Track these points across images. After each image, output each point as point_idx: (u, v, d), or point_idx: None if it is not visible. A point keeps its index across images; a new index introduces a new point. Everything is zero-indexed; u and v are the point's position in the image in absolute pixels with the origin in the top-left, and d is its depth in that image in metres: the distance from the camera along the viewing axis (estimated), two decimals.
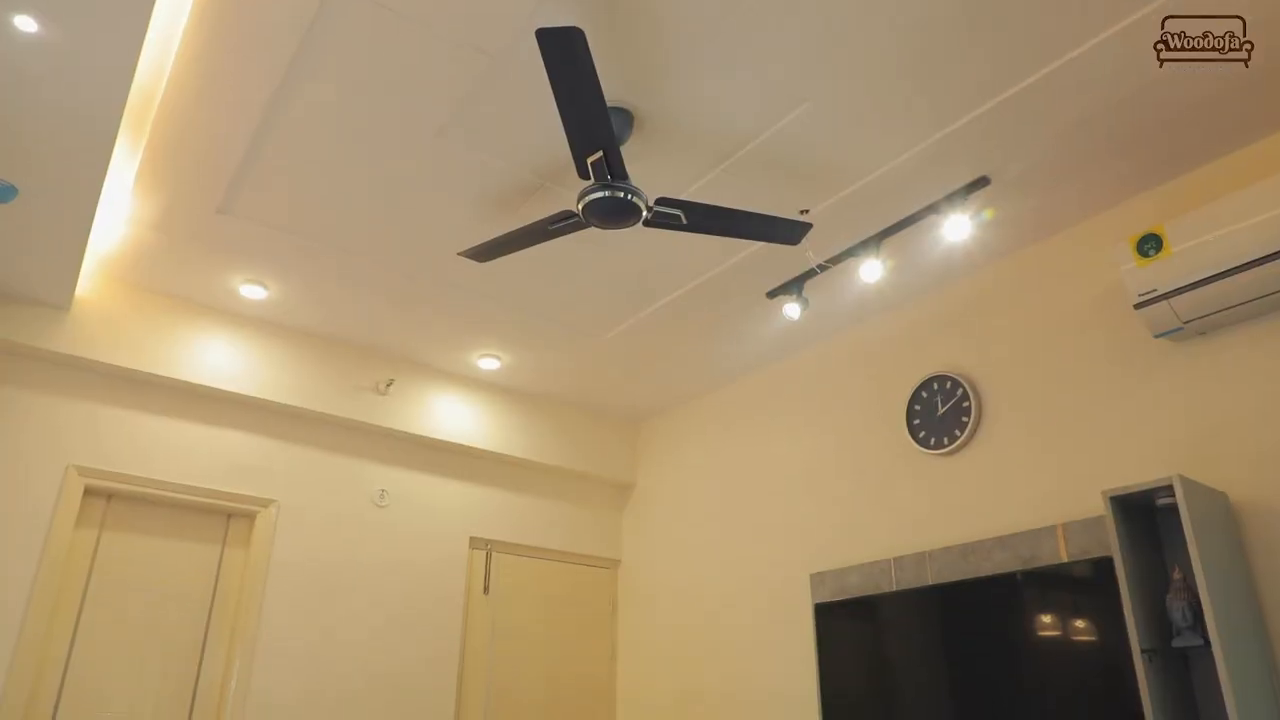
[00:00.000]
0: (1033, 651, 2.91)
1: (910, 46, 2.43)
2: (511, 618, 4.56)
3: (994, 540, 3.17)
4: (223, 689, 3.64)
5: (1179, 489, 2.40)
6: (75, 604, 3.45)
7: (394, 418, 4.27)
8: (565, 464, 4.84)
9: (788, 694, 3.78)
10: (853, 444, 3.86)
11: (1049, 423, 3.15)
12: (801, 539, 3.96)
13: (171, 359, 3.72)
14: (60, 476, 3.45)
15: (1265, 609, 2.50)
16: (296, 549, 3.92)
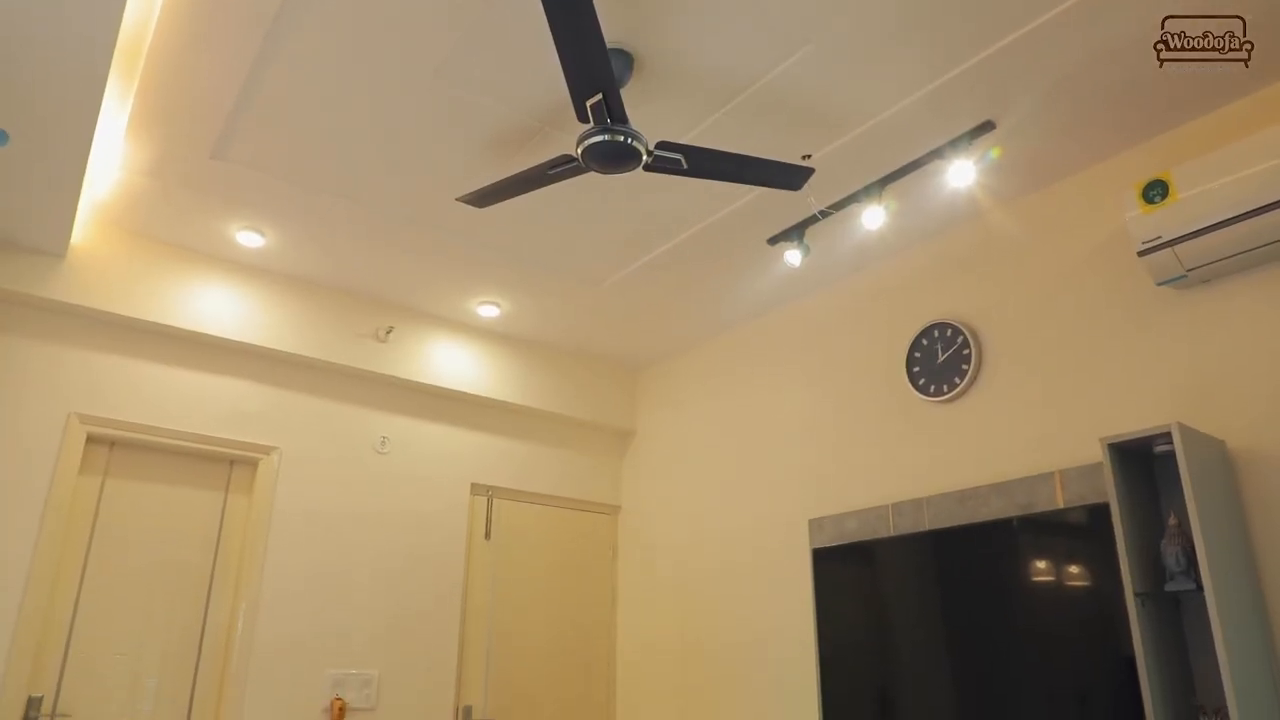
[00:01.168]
0: (1027, 596, 2.95)
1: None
2: (513, 563, 4.62)
3: (991, 487, 3.19)
4: (229, 632, 3.71)
5: (1177, 436, 2.41)
6: (81, 550, 3.49)
7: (394, 365, 4.27)
8: (565, 411, 4.86)
9: (786, 637, 3.84)
10: (852, 391, 3.87)
11: (1049, 370, 3.16)
12: (800, 485, 3.99)
13: (170, 307, 3.71)
14: (62, 424, 3.46)
15: (1257, 554, 2.53)
16: (299, 495, 3.96)
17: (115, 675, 3.45)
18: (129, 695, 3.46)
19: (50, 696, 3.30)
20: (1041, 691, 2.84)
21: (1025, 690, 2.88)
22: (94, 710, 3.37)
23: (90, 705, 3.37)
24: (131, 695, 3.47)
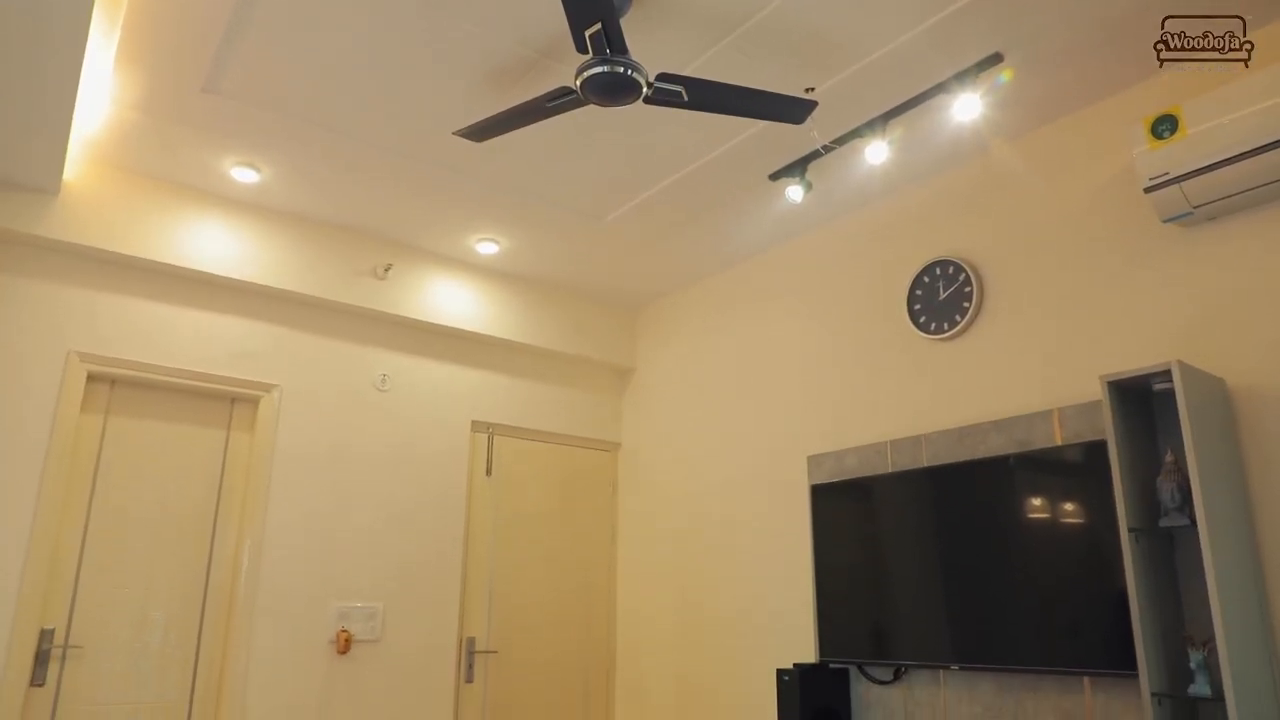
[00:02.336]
0: (1023, 532, 2.99)
1: None
2: (514, 499, 4.67)
3: (990, 424, 3.21)
4: (234, 566, 3.76)
5: (1177, 374, 2.41)
6: (86, 487, 3.52)
7: (393, 303, 4.26)
8: (565, 348, 4.86)
9: (783, 572, 3.91)
10: (853, 328, 3.87)
11: (1050, 308, 3.14)
12: (800, 422, 4.01)
13: (166, 244, 3.68)
14: (62, 363, 3.46)
15: (1251, 491, 2.55)
16: (300, 433, 3.98)
17: (124, 609, 3.51)
18: (138, 628, 3.53)
19: (62, 629, 3.36)
20: (1034, 625, 2.89)
21: (1018, 624, 2.94)
22: (105, 642, 3.45)
23: (101, 637, 3.44)
24: (140, 628, 3.54)
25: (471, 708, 4.28)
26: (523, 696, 4.45)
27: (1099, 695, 2.75)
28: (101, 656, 3.43)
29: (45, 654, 3.30)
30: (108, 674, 3.43)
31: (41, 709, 3.27)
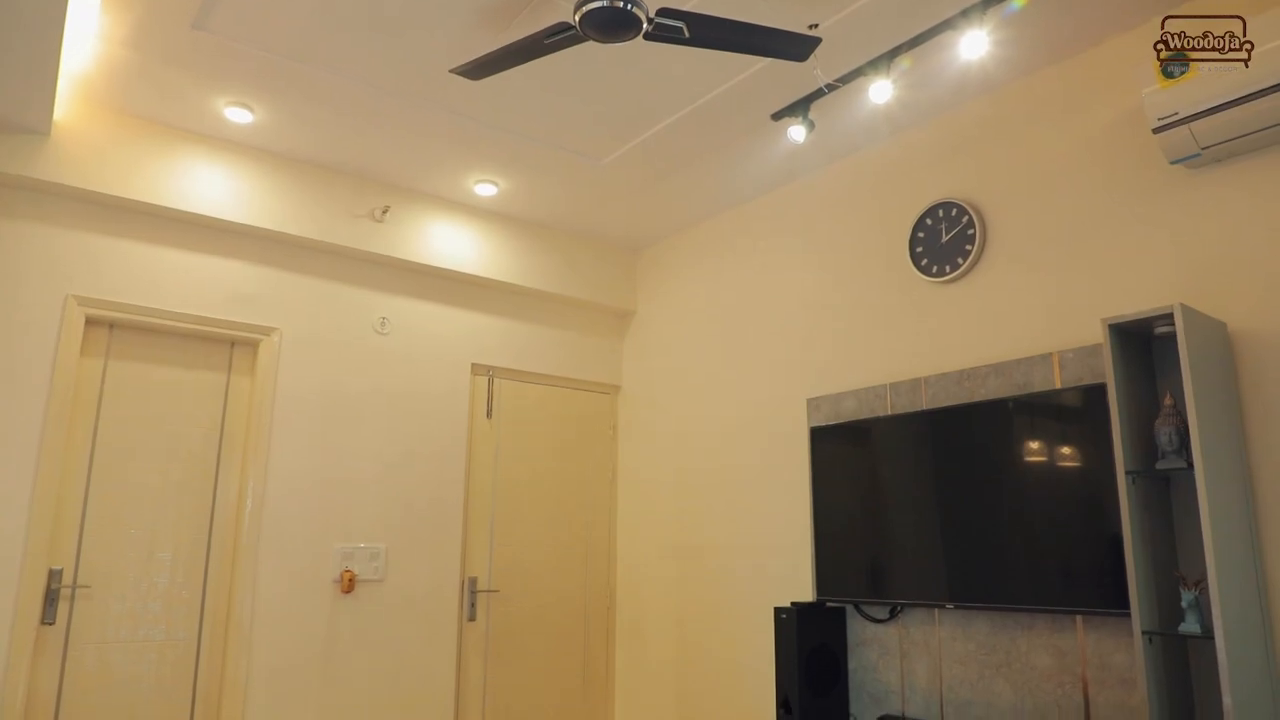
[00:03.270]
0: (1020, 475, 3.01)
1: None
2: (514, 441, 4.70)
3: (989, 367, 3.21)
4: (238, 509, 3.80)
5: (1179, 317, 2.41)
6: (89, 430, 3.54)
7: (392, 245, 4.23)
8: (565, 291, 4.84)
9: (782, 513, 3.95)
10: (854, 271, 3.84)
11: (1054, 251, 3.12)
12: (800, 365, 4.01)
13: (162, 186, 3.64)
14: (60, 306, 3.45)
15: (1249, 435, 2.57)
16: (301, 376, 3.99)
17: (130, 549, 3.56)
18: (145, 568, 3.58)
19: (69, 569, 3.41)
20: (1029, 566, 2.93)
21: (1013, 564, 2.98)
22: (112, 582, 3.50)
23: (108, 577, 3.49)
24: (147, 568, 3.59)
25: (474, 645, 4.36)
26: (524, 634, 4.54)
27: (1091, 634, 2.80)
28: (110, 596, 3.49)
29: (54, 593, 3.35)
30: (116, 613, 3.49)
31: (53, 647, 3.33)
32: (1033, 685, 2.94)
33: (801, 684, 3.34)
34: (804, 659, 3.37)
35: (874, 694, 3.43)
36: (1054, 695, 2.87)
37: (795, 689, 3.34)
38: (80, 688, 3.37)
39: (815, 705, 3.37)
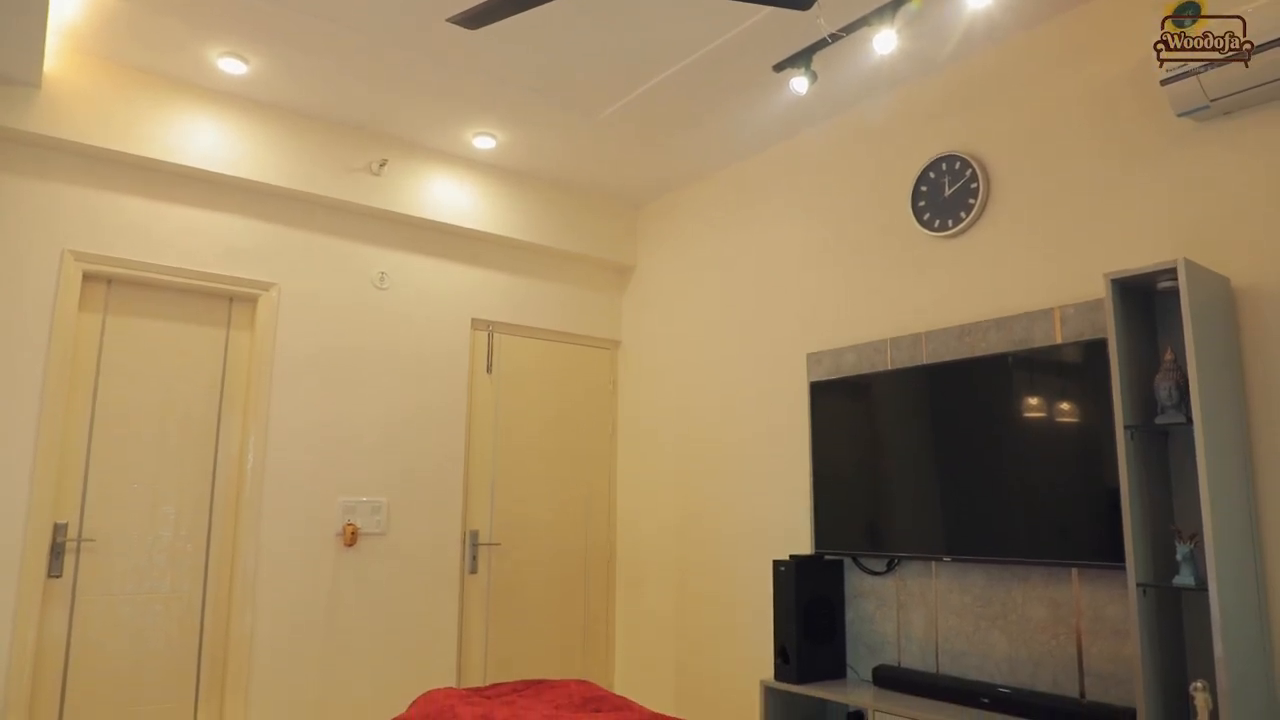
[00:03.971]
0: (1018, 429, 3.02)
1: None
2: (515, 396, 4.71)
3: (990, 322, 3.20)
4: (240, 463, 3.82)
5: (1182, 272, 2.40)
6: (89, 386, 3.54)
7: (390, 199, 4.19)
8: (565, 246, 4.81)
9: (781, 467, 3.97)
10: (856, 225, 3.82)
11: (1057, 206, 3.10)
12: (800, 320, 4.01)
13: (155, 139, 3.59)
14: (57, 261, 3.43)
15: (1249, 390, 2.57)
16: (300, 331, 3.98)
17: (134, 504, 3.59)
18: (149, 522, 3.61)
19: (74, 523, 3.44)
20: (1026, 520, 2.96)
21: (1011, 518, 3.00)
22: (117, 536, 3.53)
23: (112, 531, 3.52)
24: (151, 522, 3.62)
25: (476, 597, 4.42)
26: (525, 586, 4.60)
27: (1086, 586, 2.84)
28: (115, 549, 3.52)
29: (60, 547, 3.38)
30: (122, 566, 3.53)
31: (61, 599, 3.38)
32: (1027, 636, 2.98)
33: (799, 634, 3.40)
34: (802, 610, 3.42)
35: (870, 644, 3.49)
36: (1048, 646, 2.92)
37: (793, 639, 3.39)
38: (89, 639, 3.42)
39: (812, 655, 3.42)
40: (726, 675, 4.11)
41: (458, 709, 2.53)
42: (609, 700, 2.76)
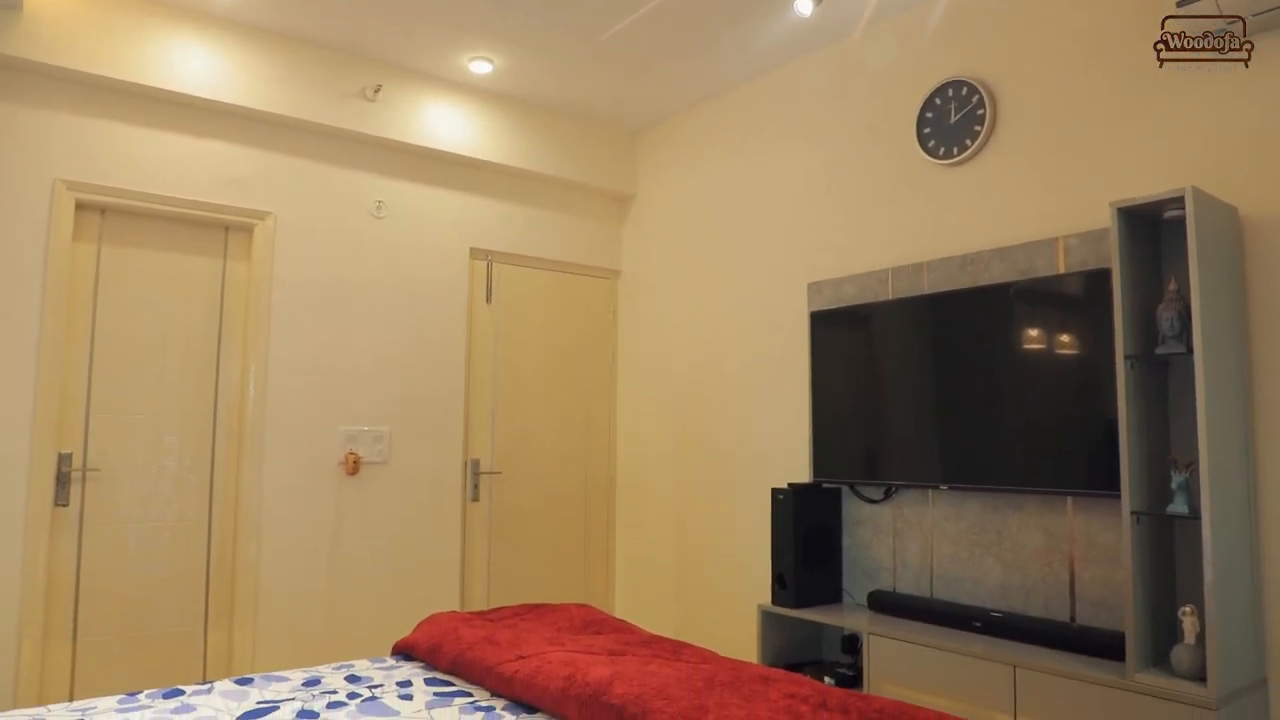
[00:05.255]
0: (1018, 359, 3.02)
1: None
2: (514, 326, 4.71)
3: (993, 252, 3.17)
4: (241, 394, 3.83)
5: (1190, 201, 2.36)
6: (87, 316, 3.53)
7: (385, 126, 4.12)
8: (564, 174, 4.75)
9: (781, 397, 3.99)
10: (859, 153, 3.76)
11: (1064, 133, 3.04)
12: (801, 249, 3.97)
13: (143, 64, 3.51)
14: (49, 190, 3.38)
15: (1251, 321, 2.56)
16: (298, 261, 3.95)
17: (137, 433, 3.61)
18: (153, 452, 3.64)
19: (78, 453, 3.47)
20: (1023, 449, 2.98)
21: (1008, 448, 3.02)
22: (121, 465, 3.56)
23: (117, 461, 3.55)
24: (155, 452, 3.65)
25: (478, 524, 4.48)
26: (526, 514, 4.66)
27: (1080, 514, 2.87)
28: (120, 479, 3.56)
29: (65, 476, 3.42)
30: (128, 495, 3.57)
31: (69, 527, 3.42)
32: (1021, 563, 3.03)
33: (796, 561, 3.45)
34: (799, 537, 3.47)
35: (867, 570, 3.55)
36: (1041, 573, 2.97)
37: (790, 565, 3.45)
38: (98, 566, 3.48)
39: (809, 580, 3.49)
40: (725, 600, 4.20)
41: (461, 631, 2.58)
42: (609, 623, 2.82)
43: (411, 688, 2.34)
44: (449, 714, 2.13)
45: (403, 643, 2.73)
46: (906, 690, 2.93)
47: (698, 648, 2.51)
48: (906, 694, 2.92)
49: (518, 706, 2.19)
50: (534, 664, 2.22)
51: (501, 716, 2.11)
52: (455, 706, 2.19)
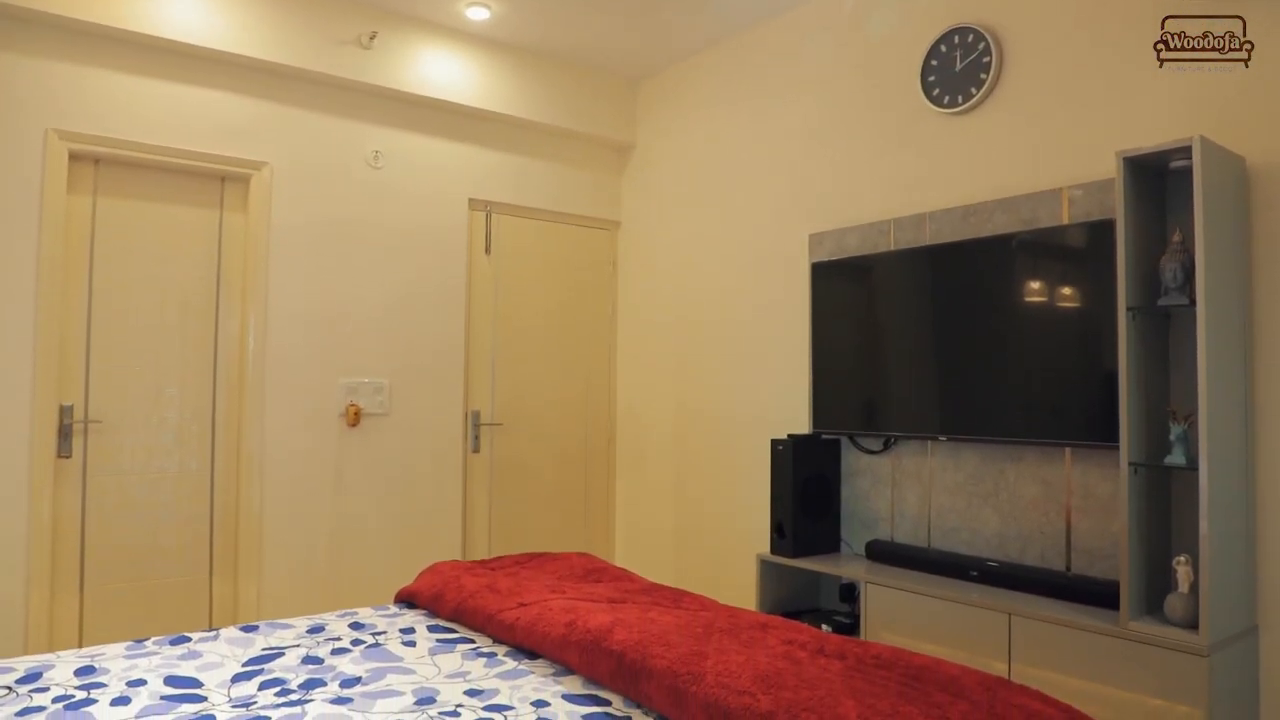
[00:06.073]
0: (1019, 310, 3.01)
1: None
2: (514, 277, 4.68)
3: (996, 202, 3.15)
4: (241, 345, 3.83)
5: (1197, 150, 2.33)
6: (84, 268, 3.51)
7: (381, 74, 4.05)
8: (563, 123, 4.68)
9: (781, 348, 3.98)
10: (863, 102, 3.70)
11: (1072, 81, 2.99)
12: (803, 200, 3.94)
13: (136, 10, 3.43)
14: (41, 140, 3.34)
15: (1254, 273, 2.54)
16: (295, 212, 3.92)
17: (137, 385, 3.61)
18: (154, 404, 3.65)
19: (80, 404, 3.47)
20: (1023, 401, 2.98)
21: (1007, 400, 3.03)
22: (123, 417, 3.57)
23: (118, 412, 3.56)
24: (156, 403, 3.65)
25: (479, 474, 4.51)
26: (527, 465, 4.69)
27: (1078, 465, 2.89)
28: (122, 430, 3.57)
29: (67, 428, 3.43)
30: (130, 446, 3.59)
31: (72, 478, 3.45)
32: (1018, 513, 3.05)
33: (795, 511, 3.48)
34: (798, 487, 3.50)
35: (865, 520, 3.58)
36: (1038, 523, 2.99)
37: (789, 515, 3.48)
38: (103, 516, 3.51)
39: (808, 530, 3.52)
40: (724, 549, 4.24)
41: (463, 579, 2.61)
42: (609, 571, 2.85)
43: (415, 634, 2.38)
44: (452, 659, 2.16)
45: (405, 591, 2.76)
46: (903, 638, 2.98)
47: (697, 595, 2.54)
48: (903, 641, 2.96)
49: (519, 653, 2.22)
50: (535, 611, 2.25)
51: (504, 662, 2.14)
52: (458, 652, 2.22)
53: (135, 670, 2.03)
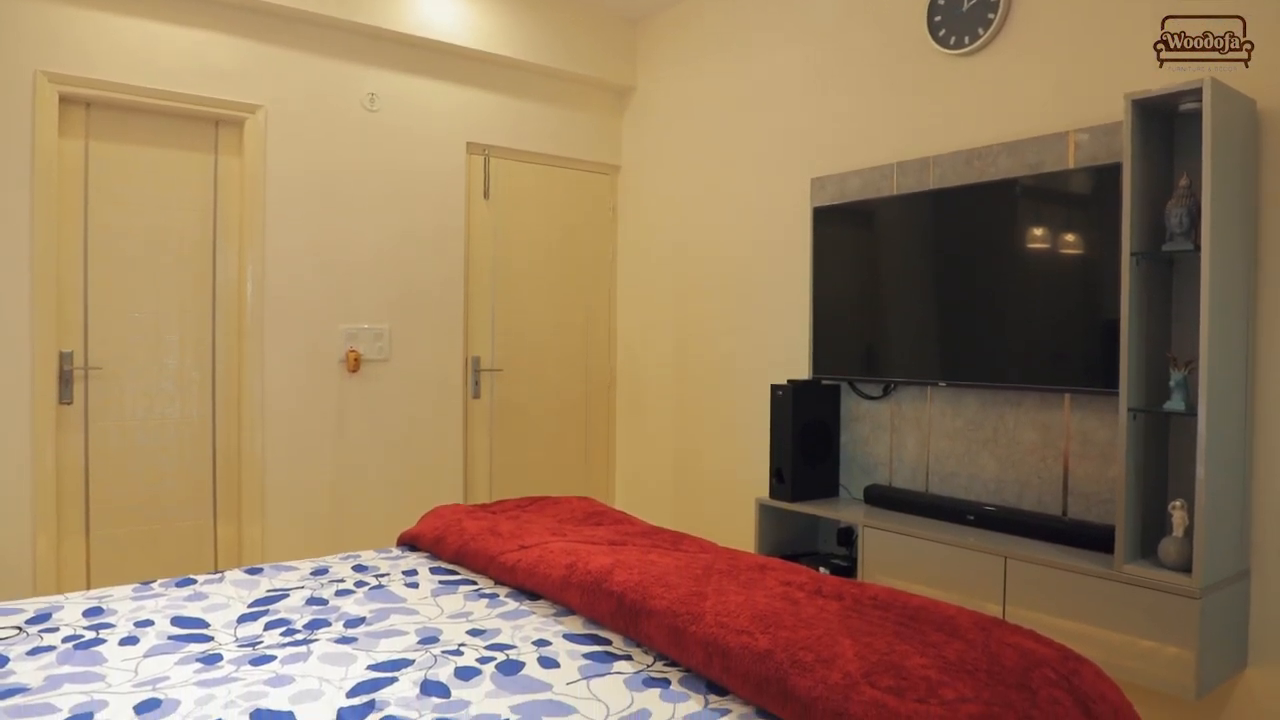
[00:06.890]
0: (1022, 255, 2.99)
1: None
2: (513, 222, 4.65)
3: (1001, 146, 3.10)
4: (239, 291, 3.81)
5: (1207, 93, 2.29)
6: (79, 214, 3.48)
7: (375, 14, 3.97)
8: (561, 65, 4.60)
9: (781, 293, 3.97)
10: (868, 43, 3.63)
11: (1081, 22, 2.92)
12: (805, 144, 3.89)
13: None
14: (30, 83, 3.28)
15: (1261, 219, 2.52)
16: (291, 156, 3.87)
17: (136, 331, 3.61)
18: (154, 350, 3.64)
19: (79, 351, 3.47)
20: (1023, 347, 2.98)
21: (1008, 346, 3.02)
22: (123, 363, 3.57)
23: (118, 359, 3.56)
24: (156, 349, 3.65)
25: (479, 420, 4.53)
26: (528, 410, 4.71)
27: (1077, 411, 2.90)
28: (123, 376, 3.57)
29: (68, 374, 3.43)
30: (131, 392, 3.59)
31: (74, 424, 3.46)
32: (1016, 459, 3.07)
33: (795, 456, 3.50)
34: (798, 433, 3.51)
35: (864, 466, 3.60)
36: (1036, 468, 3.01)
37: (788, 460, 3.50)
38: (106, 461, 3.53)
39: (807, 475, 3.55)
40: (724, 493, 4.28)
41: (464, 523, 2.64)
42: (609, 514, 2.88)
43: (417, 576, 2.41)
44: (454, 600, 2.19)
45: (408, 534, 2.79)
46: (900, 581, 3.02)
47: (696, 538, 2.57)
48: (900, 584, 3.00)
49: (520, 594, 2.25)
50: (536, 553, 2.27)
51: (505, 603, 2.17)
52: (460, 594, 2.25)
53: (142, 611, 2.06)
